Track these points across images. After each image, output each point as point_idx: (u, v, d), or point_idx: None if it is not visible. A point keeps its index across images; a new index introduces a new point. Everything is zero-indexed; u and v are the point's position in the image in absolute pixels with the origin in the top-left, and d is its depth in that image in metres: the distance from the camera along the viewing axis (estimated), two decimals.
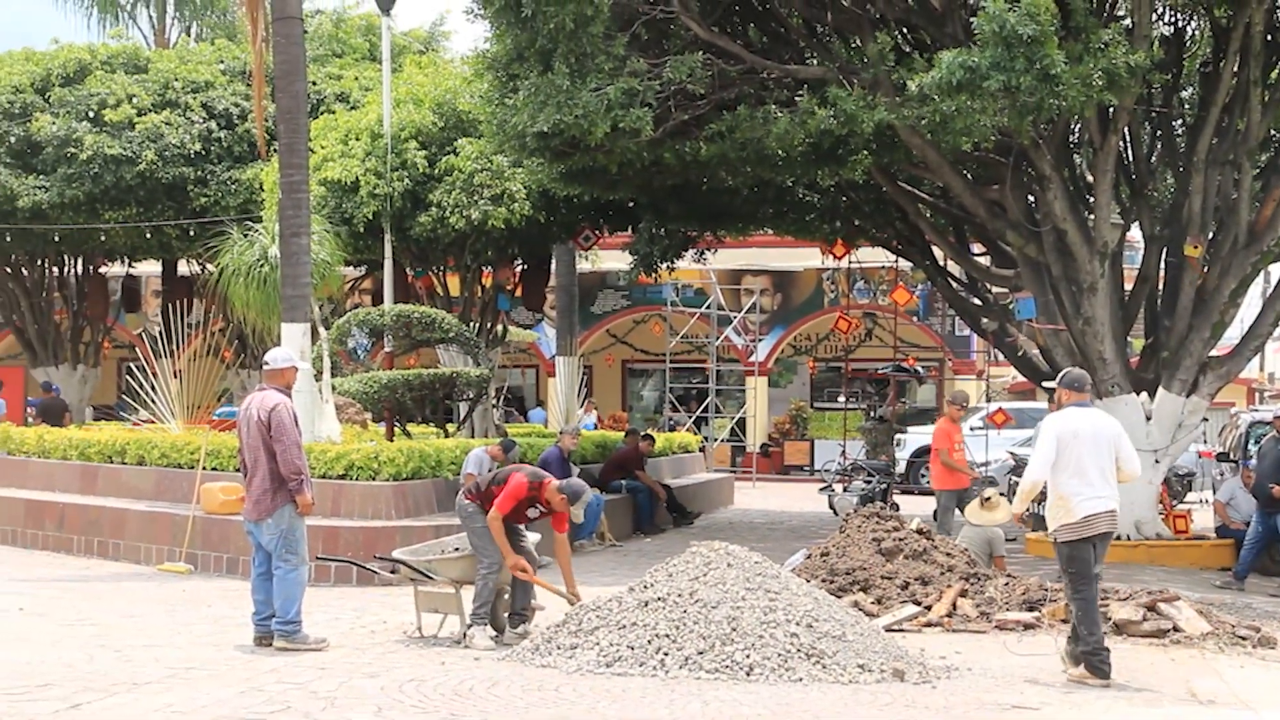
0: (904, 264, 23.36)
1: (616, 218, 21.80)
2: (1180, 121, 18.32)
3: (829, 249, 21.81)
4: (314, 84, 24.50)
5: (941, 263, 20.47)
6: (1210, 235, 16.79)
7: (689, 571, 9.33)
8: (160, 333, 18.98)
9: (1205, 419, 19.19)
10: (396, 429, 17.69)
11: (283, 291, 15.45)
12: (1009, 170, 16.19)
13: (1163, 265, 17.54)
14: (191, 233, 24.84)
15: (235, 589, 12.48)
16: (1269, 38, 16.04)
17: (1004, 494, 14.80)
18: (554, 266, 24.17)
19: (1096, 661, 8.78)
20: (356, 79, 25.70)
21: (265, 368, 10.28)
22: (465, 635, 10.04)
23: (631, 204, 20.75)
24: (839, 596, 10.72)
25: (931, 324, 30.50)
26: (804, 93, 14.90)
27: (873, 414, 25.33)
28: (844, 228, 20.86)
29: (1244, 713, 8.15)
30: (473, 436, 19.21)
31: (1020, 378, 24.93)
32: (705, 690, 8.26)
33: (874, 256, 24.53)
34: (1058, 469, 8.95)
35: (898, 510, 15.93)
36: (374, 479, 14.23)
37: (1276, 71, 16.80)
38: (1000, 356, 23.49)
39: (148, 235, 25.41)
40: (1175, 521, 16.78)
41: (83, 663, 9.15)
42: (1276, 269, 20.93)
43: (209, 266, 23.61)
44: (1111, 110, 15.50)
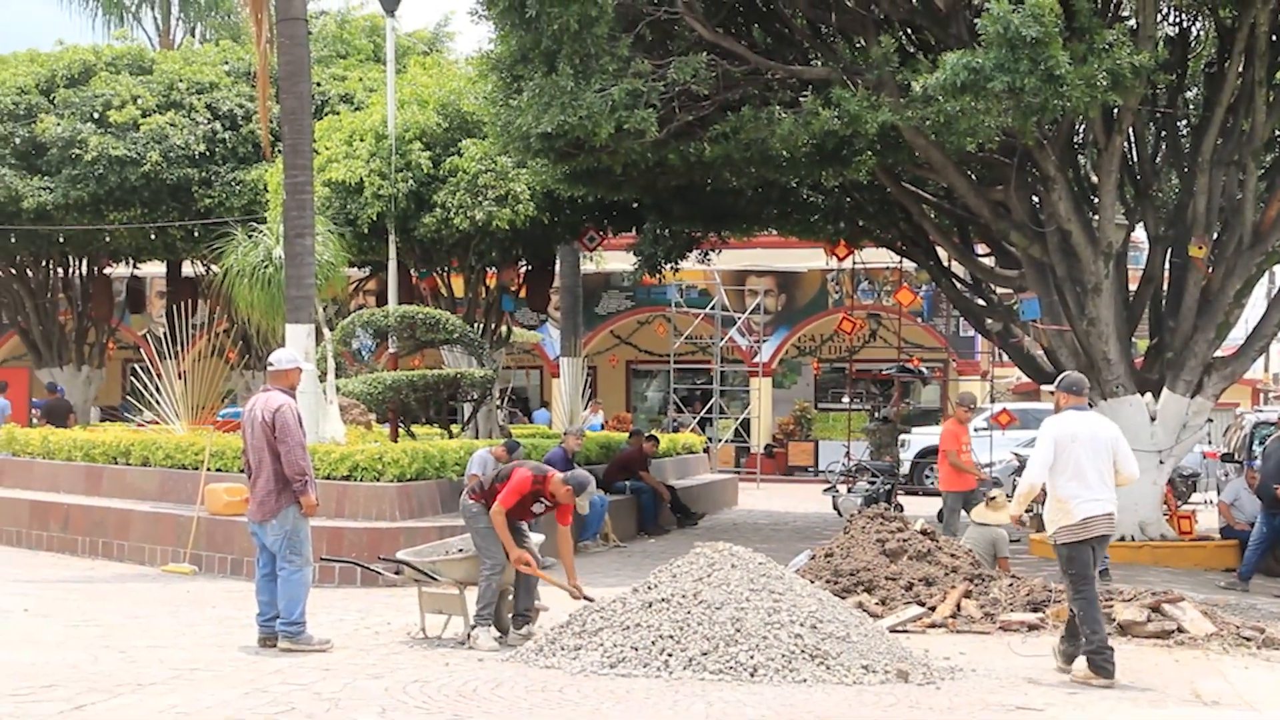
0: (908, 265, 23.35)
1: (621, 219, 21.81)
2: (1185, 122, 18.31)
3: (832, 250, 21.82)
4: (318, 85, 24.53)
5: (946, 263, 20.45)
6: (1215, 236, 16.79)
7: (693, 572, 9.33)
8: (165, 334, 18.95)
9: (1210, 420, 19.21)
10: (401, 430, 17.70)
11: (287, 292, 15.46)
12: (1013, 171, 16.18)
13: (1167, 266, 17.53)
14: (196, 234, 24.89)
15: (239, 590, 12.47)
16: (1274, 38, 16.02)
17: (1009, 495, 14.78)
18: (558, 267, 24.15)
19: (1101, 661, 8.77)
20: (361, 80, 25.72)
21: (269, 369, 10.28)
22: (469, 636, 10.03)
23: (636, 205, 20.75)
24: (843, 597, 10.71)
25: (936, 325, 30.45)
26: (808, 93, 14.91)
27: (877, 415, 25.32)
28: (848, 228, 20.86)
29: (1248, 714, 8.14)
30: (477, 437, 19.20)
31: (1025, 378, 24.90)
32: (709, 691, 8.26)
33: (878, 257, 24.53)
34: (1056, 472, 8.99)
35: (902, 511, 15.93)
36: (378, 480, 14.24)
37: None
38: (1005, 357, 23.46)
39: (152, 236, 25.45)
40: (1180, 522, 16.77)
41: (87, 664, 9.16)
42: None
43: (214, 267, 23.63)
44: (1116, 111, 15.48)
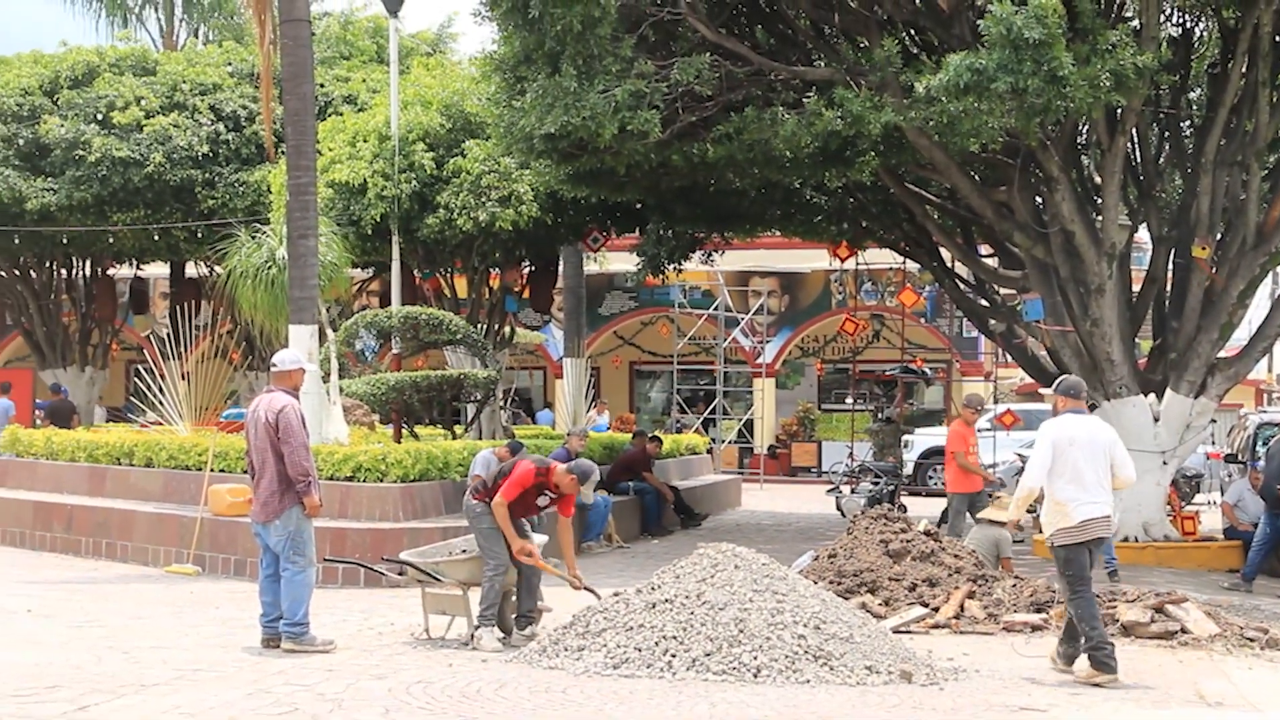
0: (911, 265, 23.34)
1: (624, 219, 21.80)
2: (1188, 122, 18.30)
3: (835, 250, 21.82)
4: (322, 86, 24.53)
5: (949, 264, 20.45)
6: (1218, 236, 16.78)
7: (696, 573, 9.33)
8: (168, 335, 19.00)
9: (1213, 420, 19.18)
10: (404, 431, 17.70)
11: (290, 293, 15.46)
12: (1017, 171, 16.18)
13: (1171, 266, 17.52)
14: (199, 235, 24.89)
15: (243, 591, 12.48)
16: (1277, 39, 16.00)
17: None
18: (561, 268, 24.17)
19: (1102, 656, 8.78)
20: (364, 81, 25.72)
21: (273, 370, 10.29)
22: (472, 637, 10.04)
23: (639, 206, 20.75)
24: (846, 598, 10.71)
25: (939, 325, 30.45)
26: (811, 94, 14.90)
27: (880, 415, 25.31)
28: (851, 229, 20.85)
29: (1252, 714, 8.14)
30: (480, 438, 19.20)
31: (1028, 379, 24.88)
32: (712, 692, 8.26)
33: (881, 258, 24.53)
34: (1054, 475, 9.04)
35: (905, 512, 15.92)
36: (381, 481, 14.25)
37: None
38: (1008, 358, 23.45)
39: (156, 237, 25.44)
40: (1183, 523, 16.76)
41: (91, 664, 9.17)
42: None
43: (217, 268, 23.66)
44: (1119, 111, 15.47)
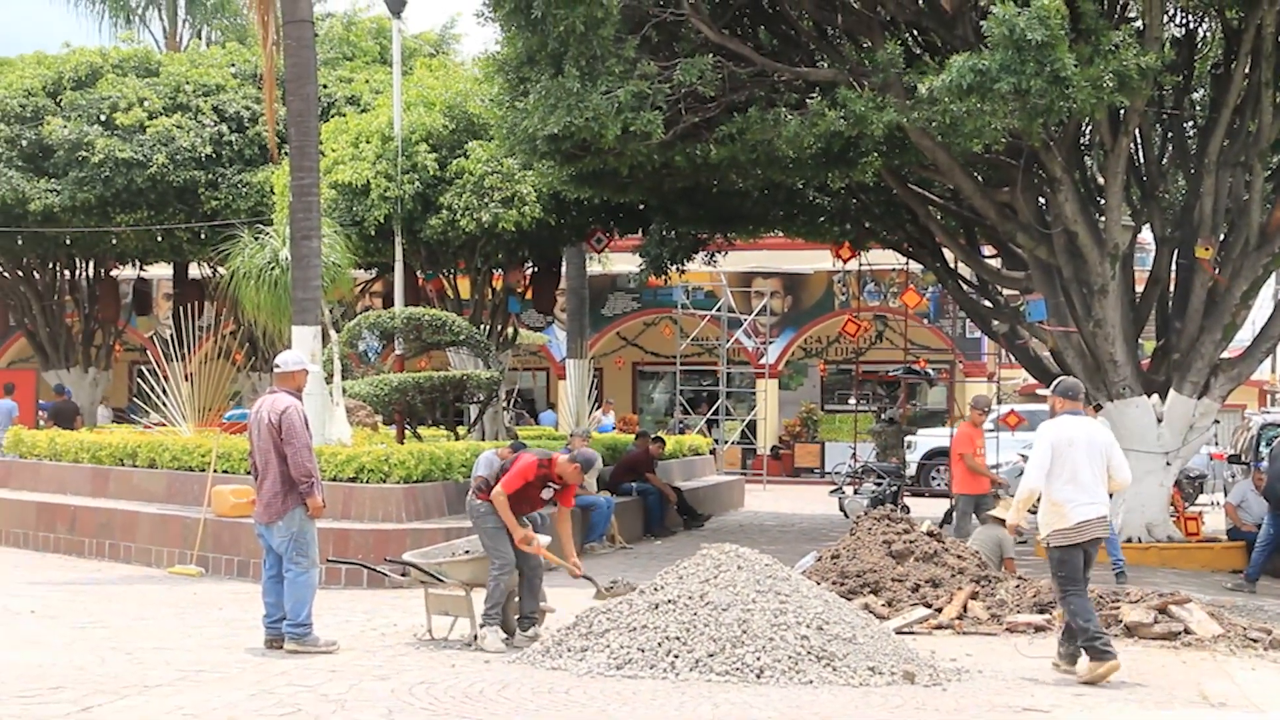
0: (914, 266, 23.33)
1: (627, 220, 21.80)
2: (1191, 123, 18.30)
3: (837, 251, 21.81)
4: (325, 87, 24.55)
5: (952, 265, 20.44)
6: (1221, 237, 16.77)
7: (699, 574, 9.33)
8: (171, 336, 19.03)
9: (1216, 421, 19.17)
10: (407, 432, 17.71)
11: (293, 294, 15.47)
12: (1020, 172, 16.17)
13: (1174, 267, 17.52)
14: (203, 236, 24.90)
15: (246, 592, 12.49)
16: None
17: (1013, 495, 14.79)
18: (564, 269, 24.16)
19: (1099, 645, 8.81)
20: (367, 82, 25.72)
21: (276, 371, 10.29)
22: (475, 638, 10.04)
23: (642, 206, 20.75)
24: (849, 599, 10.71)
25: (942, 326, 30.43)
26: (814, 95, 14.90)
27: (883, 416, 25.32)
28: (854, 230, 20.85)
29: (1255, 715, 8.14)
30: (483, 439, 19.21)
31: (1031, 380, 24.88)
32: (716, 693, 8.26)
33: (884, 259, 24.52)
34: (1052, 476, 9.10)
35: (908, 513, 15.92)
36: (384, 482, 14.25)
37: None
38: (1011, 359, 23.44)
39: (159, 238, 25.47)
40: (1186, 524, 16.76)
41: (94, 665, 9.17)
42: None
43: (220, 269, 23.66)
44: (1122, 112, 15.47)
